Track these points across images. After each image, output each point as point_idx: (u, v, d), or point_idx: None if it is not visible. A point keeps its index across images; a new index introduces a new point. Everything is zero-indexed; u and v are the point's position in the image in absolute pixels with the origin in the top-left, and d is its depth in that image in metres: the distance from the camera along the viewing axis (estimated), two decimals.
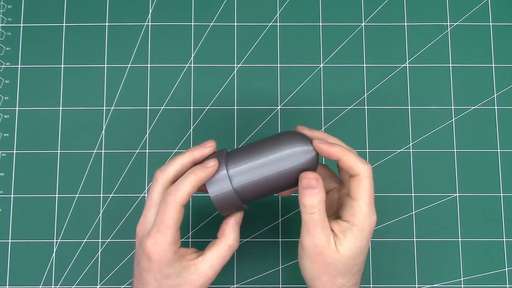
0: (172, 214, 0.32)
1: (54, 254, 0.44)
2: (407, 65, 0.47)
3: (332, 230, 0.33)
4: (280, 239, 0.45)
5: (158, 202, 0.33)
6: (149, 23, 0.48)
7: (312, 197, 0.32)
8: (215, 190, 0.33)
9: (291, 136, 0.34)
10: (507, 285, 0.44)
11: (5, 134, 0.46)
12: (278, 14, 0.48)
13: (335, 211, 0.37)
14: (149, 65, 0.47)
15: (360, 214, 0.33)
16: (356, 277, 0.34)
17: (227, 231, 0.34)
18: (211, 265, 0.33)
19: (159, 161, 0.45)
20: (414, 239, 0.45)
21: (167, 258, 0.32)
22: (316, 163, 0.34)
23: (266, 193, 0.35)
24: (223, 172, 0.34)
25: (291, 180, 0.34)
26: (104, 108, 0.46)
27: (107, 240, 0.45)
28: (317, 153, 0.34)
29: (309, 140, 0.34)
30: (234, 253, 0.44)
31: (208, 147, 0.35)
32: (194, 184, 0.32)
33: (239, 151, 0.35)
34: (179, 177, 0.34)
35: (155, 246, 0.31)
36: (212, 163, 0.33)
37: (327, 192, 0.38)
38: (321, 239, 0.32)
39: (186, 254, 0.34)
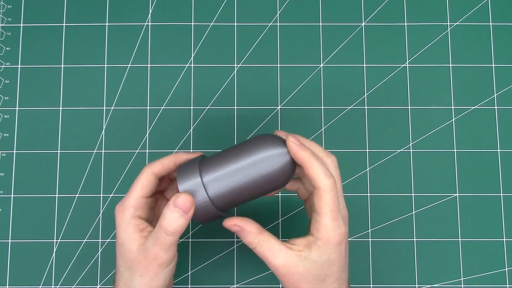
0: (141, 177, 0.35)
1: (54, 254, 0.44)
2: (407, 65, 0.47)
3: (296, 244, 0.33)
4: (280, 239, 0.45)
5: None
6: (149, 23, 0.48)
7: (244, 237, 0.33)
8: (184, 185, 0.33)
9: (265, 139, 0.33)
10: (507, 285, 0.44)
11: (5, 134, 0.46)
12: (278, 14, 0.48)
13: None
14: (149, 65, 0.47)
15: (323, 228, 0.32)
16: (335, 286, 0.33)
17: (163, 212, 0.33)
18: (152, 244, 0.32)
19: None
20: (414, 239, 0.45)
21: (124, 220, 0.33)
22: (292, 167, 0.33)
23: (243, 200, 0.34)
24: (197, 180, 0.32)
25: (269, 185, 0.33)
26: (104, 108, 0.46)
27: (107, 240, 0.45)
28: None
29: (284, 143, 0.33)
30: (234, 253, 0.44)
31: (194, 153, 0.37)
32: (170, 158, 0.35)
33: (214, 158, 0.34)
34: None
35: (120, 206, 0.34)
36: (199, 154, 0.36)
37: (309, 195, 0.37)
38: (279, 262, 0.32)
39: (144, 230, 0.34)
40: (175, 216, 0.32)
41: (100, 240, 0.45)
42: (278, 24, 0.48)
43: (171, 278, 0.35)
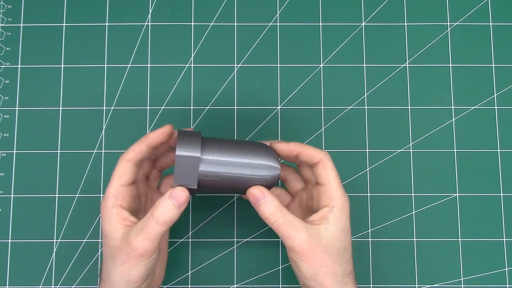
0: (118, 167, 0.35)
1: (54, 254, 0.44)
2: (407, 65, 0.47)
3: (312, 221, 0.34)
4: (280, 239, 0.45)
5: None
6: (149, 23, 0.48)
7: (267, 206, 0.33)
8: (183, 152, 0.34)
9: (266, 149, 0.36)
10: (507, 285, 0.44)
11: (5, 134, 0.46)
12: (278, 14, 0.48)
13: (306, 209, 0.38)
14: (149, 65, 0.47)
15: (335, 194, 0.35)
16: (350, 263, 0.35)
17: (156, 202, 0.33)
18: (137, 233, 0.32)
19: None
20: (414, 239, 0.45)
21: (106, 210, 0.34)
22: (276, 181, 0.36)
23: (221, 189, 0.36)
24: (197, 154, 0.34)
25: (247, 188, 0.35)
26: (104, 108, 0.46)
27: None
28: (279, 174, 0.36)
29: (278, 160, 0.36)
30: (234, 253, 0.44)
31: (162, 129, 0.36)
32: (141, 142, 0.35)
33: (215, 142, 0.36)
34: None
35: (103, 199, 0.34)
36: (166, 126, 0.35)
37: (296, 193, 0.40)
38: (302, 235, 0.33)
39: (126, 219, 0.34)
40: (169, 207, 0.33)
41: (100, 240, 0.45)
42: (278, 24, 0.48)
43: (153, 270, 0.35)
